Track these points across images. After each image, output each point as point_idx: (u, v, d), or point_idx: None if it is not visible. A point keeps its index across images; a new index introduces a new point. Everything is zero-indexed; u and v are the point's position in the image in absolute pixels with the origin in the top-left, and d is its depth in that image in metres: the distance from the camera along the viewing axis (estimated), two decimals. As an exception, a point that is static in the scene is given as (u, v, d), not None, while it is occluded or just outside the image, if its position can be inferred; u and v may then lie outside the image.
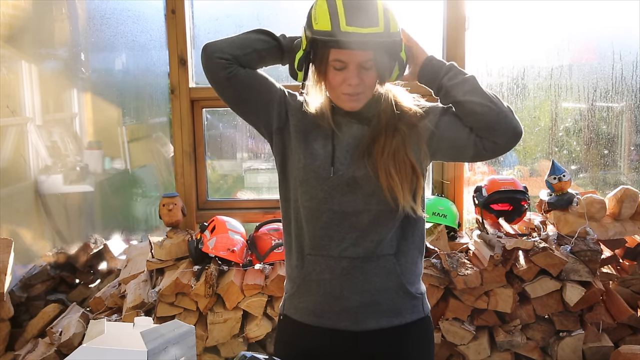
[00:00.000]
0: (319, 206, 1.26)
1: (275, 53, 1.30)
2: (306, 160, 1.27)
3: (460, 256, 2.37)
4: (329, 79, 1.22)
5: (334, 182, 1.25)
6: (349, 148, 1.27)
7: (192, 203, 2.79)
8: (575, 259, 2.30)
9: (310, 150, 1.27)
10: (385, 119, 1.26)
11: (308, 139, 1.29)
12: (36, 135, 2.99)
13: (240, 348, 2.33)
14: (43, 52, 3.10)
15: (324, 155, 1.26)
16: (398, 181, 1.20)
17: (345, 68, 1.18)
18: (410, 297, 1.33)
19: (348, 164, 1.25)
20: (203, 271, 2.33)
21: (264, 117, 1.32)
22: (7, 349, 2.46)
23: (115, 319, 2.37)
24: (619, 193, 2.44)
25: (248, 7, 2.84)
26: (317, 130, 1.30)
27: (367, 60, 1.17)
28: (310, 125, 1.30)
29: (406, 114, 1.27)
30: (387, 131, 1.24)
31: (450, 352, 2.37)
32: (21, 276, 2.66)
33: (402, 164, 1.22)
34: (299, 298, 1.35)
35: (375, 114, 1.27)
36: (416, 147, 1.25)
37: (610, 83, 2.83)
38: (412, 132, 1.25)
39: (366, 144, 1.25)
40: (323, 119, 1.29)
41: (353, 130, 1.28)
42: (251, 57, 1.27)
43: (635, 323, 2.34)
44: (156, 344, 1.03)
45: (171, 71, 2.72)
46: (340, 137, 1.27)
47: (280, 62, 1.33)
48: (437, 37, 2.69)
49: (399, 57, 1.23)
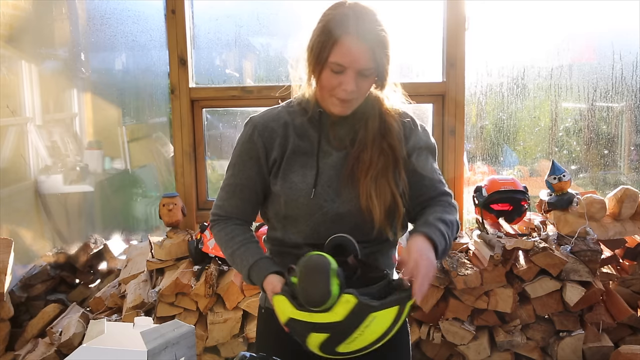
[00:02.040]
0: (305, 240, 1.26)
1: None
2: (287, 197, 1.24)
3: (460, 256, 2.37)
4: (322, 79, 1.18)
5: (319, 219, 1.23)
6: (331, 182, 1.24)
7: (192, 203, 2.79)
8: (575, 259, 2.30)
9: (290, 184, 1.24)
10: (373, 132, 1.23)
11: (287, 171, 1.25)
12: (36, 135, 2.99)
13: (240, 348, 2.33)
14: (43, 52, 3.10)
15: (306, 190, 1.23)
16: (377, 204, 1.20)
17: (343, 72, 1.15)
18: None
19: (332, 199, 1.23)
20: (203, 271, 2.33)
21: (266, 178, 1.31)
22: (7, 349, 2.46)
23: (115, 319, 2.37)
24: (619, 193, 2.44)
25: (248, 7, 2.84)
26: (299, 158, 1.26)
27: (368, 68, 1.15)
28: (293, 152, 1.26)
29: (391, 129, 1.25)
30: (373, 149, 1.22)
31: (450, 352, 2.37)
32: (21, 276, 2.66)
33: (382, 189, 1.21)
34: None
35: (363, 122, 1.24)
36: (396, 171, 1.24)
37: (610, 83, 2.83)
38: (394, 155, 1.23)
39: (350, 167, 1.23)
40: (306, 137, 1.26)
41: (333, 159, 1.25)
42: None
43: (635, 323, 2.34)
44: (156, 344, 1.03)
45: (171, 71, 2.72)
46: (321, 168, 1.24)
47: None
48: (437, 37, 2.69)
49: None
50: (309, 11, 1.26)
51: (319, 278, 1.00)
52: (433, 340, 2.30)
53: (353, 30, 1.12)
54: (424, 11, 2.75)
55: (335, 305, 1.00)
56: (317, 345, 1.05)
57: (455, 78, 2.65)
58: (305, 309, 1.02)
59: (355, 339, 1.02)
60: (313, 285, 1.00)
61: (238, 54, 2.92)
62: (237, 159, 1.29)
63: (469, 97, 2.80)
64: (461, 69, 2.64)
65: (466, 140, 2.80)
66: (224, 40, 2.88)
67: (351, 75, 1.15)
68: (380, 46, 1.15)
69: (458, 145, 2.67)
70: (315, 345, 1.05)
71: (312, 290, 1.00)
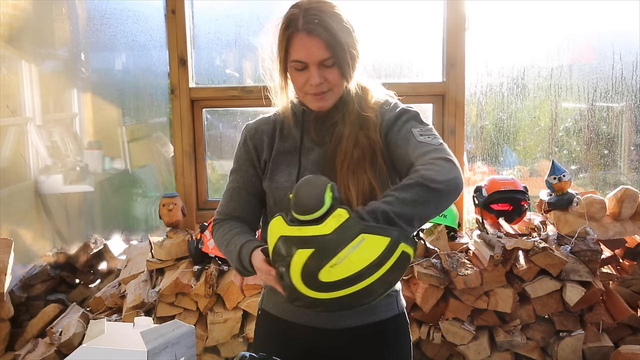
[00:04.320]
0: None
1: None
2: (275, 197, 1.28)
3: (460, 256, 2.37)
4: (292, 80, 1.23)
5: None
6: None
7: (192, 203, 2.79)
8: (575, 259, 2.30)
9: (276, 184, 1.28)
10: (350, 125, 1.24)
11: (274, 171, 1.30)
12: (36, 135, 2.99)
13: (240, 348, 2.33)
14: (43, 52, 3.10)
15: (290, 188, 1.24)
16: (354, 194, 1.20)
17: (306, 68, 1.18)
18: (385, 295, 1.33)
19: None
20: (203, 271, 2.33)
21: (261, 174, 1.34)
22: (7, 349, 2.46)
23: (115, 319, 2.37)
24: (619, 193, 2.44)
25: (248, 7, 2.85)
26: (284, 158, 1.29)
27: (327, 59, 1.17)
28: (278, 153, 1.30)
29: (369, 121, 1.25)
30: (349, 142, 1.23)
31: (450, 352, 2.37)
32: (21, 276, 2.66)
33: (359, 180, 1.21)
34: (277, 294, 1.35)
35: (341, 116, 1.26)
36: (374, 162, 1.24)
37: (610, 83, 2.83)
38: (371, 146, 1.23)
39: (328, 160, 1.24)
40: (290, 137, 1.29)
41: (315, 155, 1.27)
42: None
43: (635, 323, 2.34)
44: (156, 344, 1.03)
45: (171, 71, 2.72)
46: (303, 165, 1.26)
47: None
48: (437, 37, 2.69)
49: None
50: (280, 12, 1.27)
51: (314, 187, 1.00)
52: (433, 340, 2.30)
53: (301, 26, 1.16)
54: (424, 11, 2.75)
55: (327, 218, 0.98)
56: (300, 268, 0.99)
57: (455, 78, 2.65)
58: (296, 224, 1.00)
59: (340, 261, 0.97)
60: (307, 193, 1.00)
61: (238, 54, 2.92)
62: (236, 165, 1.35)
63: (469, 97, 2.80)
64: (461, 69, 2.64)
65: (466, 140, 2.80)
66: (224, 40, 2.88)
67: (313, 70, 1.18)
68: (332, 36, 1.16)
69: (458, 145, 2.67)
70: (298, 269, 0.99)
71: (306, 198, 0.99)
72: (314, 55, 1.16)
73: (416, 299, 2.28)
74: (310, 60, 1.17)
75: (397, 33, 2.75)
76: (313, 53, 1.16)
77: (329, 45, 1.16)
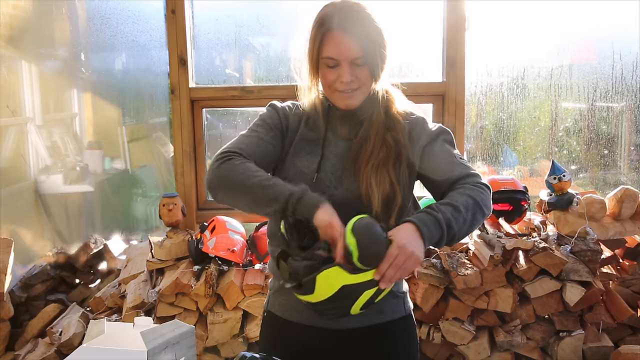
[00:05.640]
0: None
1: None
2: (290, 180, 1.24)
3: (460, 256, 2.37)
4: (322, 76, 1.24)
5: None
6: (334, 170, 1.27)
7: (192, 203, 2.79)
8: (575, 259, 2.30)
9: (295, 169, 1.28)
10: (377, 125, 1.27)
11: (293, 156, 1.30)
12: (36, 135, 2.99)
13: (240, 348, 2.34)
14: (43, 52, 3.10)
15: (309, 175, 1.26)
16: (376, 192, 1.22)
17: (338, 65, 1.21)
18: (392, 296, 1.34)
19: (334, 186, 1.26)
20: (203, 271, 2.33)
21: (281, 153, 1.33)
22: (7, 349, 2.46)
23: (115, 319, 2.37)
24: (619, 193, 2.44)
25: (248, 7, 2.84)
26: (307, 145, 1.31)
27: (359, 57, 1.20)
28: (301, 139, 1.32)
29: (396, 125, 1.28)
30: (376, 140, 1.25)
31: (450, 352, 2.37)
32: (21, 276, 2.66)
33: (382, 179, 1.23)
34: (283, 295, 1.36)
35: (369, 115, 1.28)
36: (397, 164, 1.26)
37: (610, 83, 2.83)
38: (397, 147, 1.26)
39: (352, 155, 1.26)
40: (315, 128, 1.31)
41: (338, 148, 1.29)
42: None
43: (635, 323, 2.34)
44: (156, 344, 1.03)
45: (171, 71, 2.72)
46: (326, 155, 1.28)
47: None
48: (437, 37, 2.69)
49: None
50: (309, 11, 1.29)
51: (380, 246, 1.08)
52: (433, 340, 2.30)
53: (336, 24, 1.19)
54: (424, 11, 2.75)
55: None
56: (363, 303, 1.12)
57: (455, 78, 2.65)
58: (357, 271, 1.08)
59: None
60: (375, 251, 1.08)
61: (238, 54, 2.92)
62: (262, 121, 1.32)
63: (469, 97, 2.80)
64: (461, 69, 2.64)
65: (466, 140, 2.80)
66: (224, 40, 2.88)
67: (345, 67, 1.20)
68: (366, 36, 1.20)
69: (458, 146, 2.66)
70: (360, 305, 1.12)
71: (372, 256, 1.08)
72: (347, 52, 1.19)
73: (416, 299, 2.28)
74: (343, 57, 1.20)
75: (397, 33, 2.74)
76: (346, 51, 1.19)
77: (362, 44, 1.19)
